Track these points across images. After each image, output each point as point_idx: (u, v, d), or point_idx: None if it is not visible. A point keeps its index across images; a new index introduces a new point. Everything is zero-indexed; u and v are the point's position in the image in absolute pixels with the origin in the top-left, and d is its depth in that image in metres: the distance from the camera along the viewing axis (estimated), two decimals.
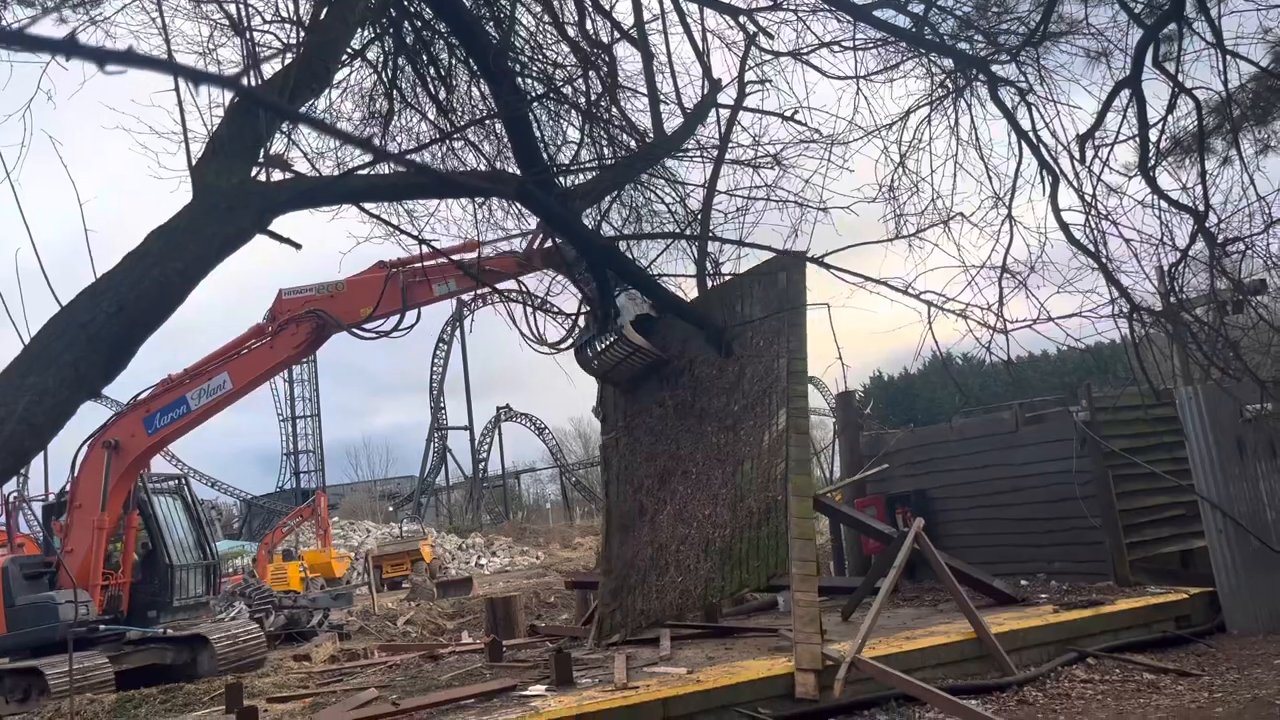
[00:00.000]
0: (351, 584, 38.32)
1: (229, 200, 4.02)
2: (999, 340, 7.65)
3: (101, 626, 16.22)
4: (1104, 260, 7.89)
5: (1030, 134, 8.22)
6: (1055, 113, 8.39)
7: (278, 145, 6.21)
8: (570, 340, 12.13)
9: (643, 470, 12.43)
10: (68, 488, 16.51)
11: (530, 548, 57.31)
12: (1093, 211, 8.05)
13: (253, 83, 4.43)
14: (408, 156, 5.98)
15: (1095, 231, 8.03)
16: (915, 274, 7.60)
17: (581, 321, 12.23)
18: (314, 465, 73.24)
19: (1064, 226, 8.10)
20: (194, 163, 4.17)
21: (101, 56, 1.75)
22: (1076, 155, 8.23)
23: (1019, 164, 8.39)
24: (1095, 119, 8.23)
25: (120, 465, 15.97)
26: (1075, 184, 8.19)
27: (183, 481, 20.02)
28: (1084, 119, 8.45)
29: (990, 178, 8.79)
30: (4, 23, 5.46)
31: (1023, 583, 13.21)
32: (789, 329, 9.56)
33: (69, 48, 1.97)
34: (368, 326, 13.37)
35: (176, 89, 4.06)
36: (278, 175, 4.71)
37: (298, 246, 4.19)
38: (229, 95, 4.39)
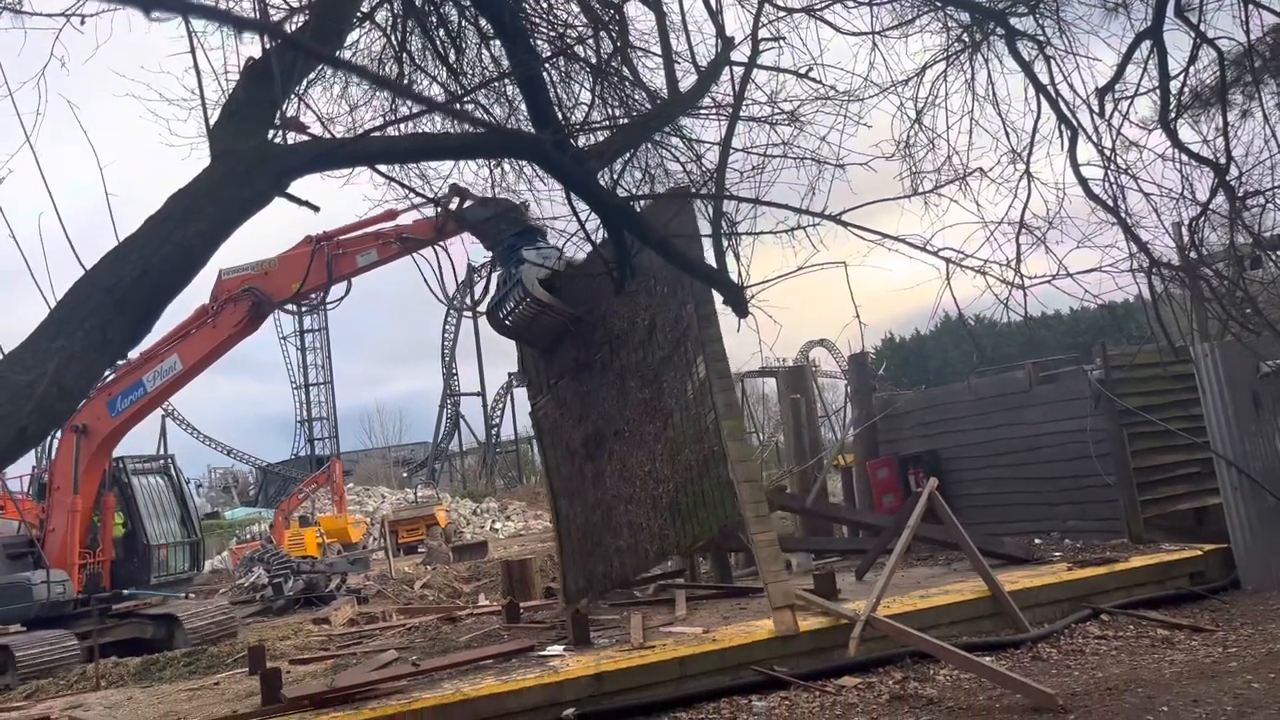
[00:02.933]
0: (368, 549, 38.70)
1: (247, 163, 4.02)
2: (1016, 296, 7.61)
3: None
4: (1123, 215, 7.82)
5: (1049, 88, 8.11)
6: (1074, 66, 8.27)
7: (291, 110, 6.19)
8: (485, 301, 12.23)
9: (575, 434, 12.41)
10: (46, 471, 17.11)
11: (544, 512, 57.63)
12: (1112, 166, 7.96)
13: (265, 45, 4.41)
14: (458, 107, 5.95)
15: (1114, 186, 7.95)
16: (932, 231, 7.54)
17: (494, 286, 12.24)
18: (328, 432, 73.77)
19: (1083, 181, 8.01)
20: (209, 127, 4.17)
21: (147, 4, 1.73)
22: (1095, 109, 8.12)
23: (1037, 119, 8.29)
24: (1115, 71, 8.11)
25: (89, 448, 16.51)
26: (1094, 138, 8.10)
27: (169, 462, 20.60)
28: (1103, 72, 8.34)
29: (1008, 133, 8.69)
30: None
31: (1036, 541, 13.25)
32: (690, 268, 9.36)
33: None
34: (305, 301, 13.70)
35: (193, 51, 4.04)
36: (294, 139, 4.71)
37: (315, 209, 4.20)
38: (244, 59, 4.38)
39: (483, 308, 12.47)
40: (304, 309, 13.96)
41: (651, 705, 8.27)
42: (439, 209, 11.56)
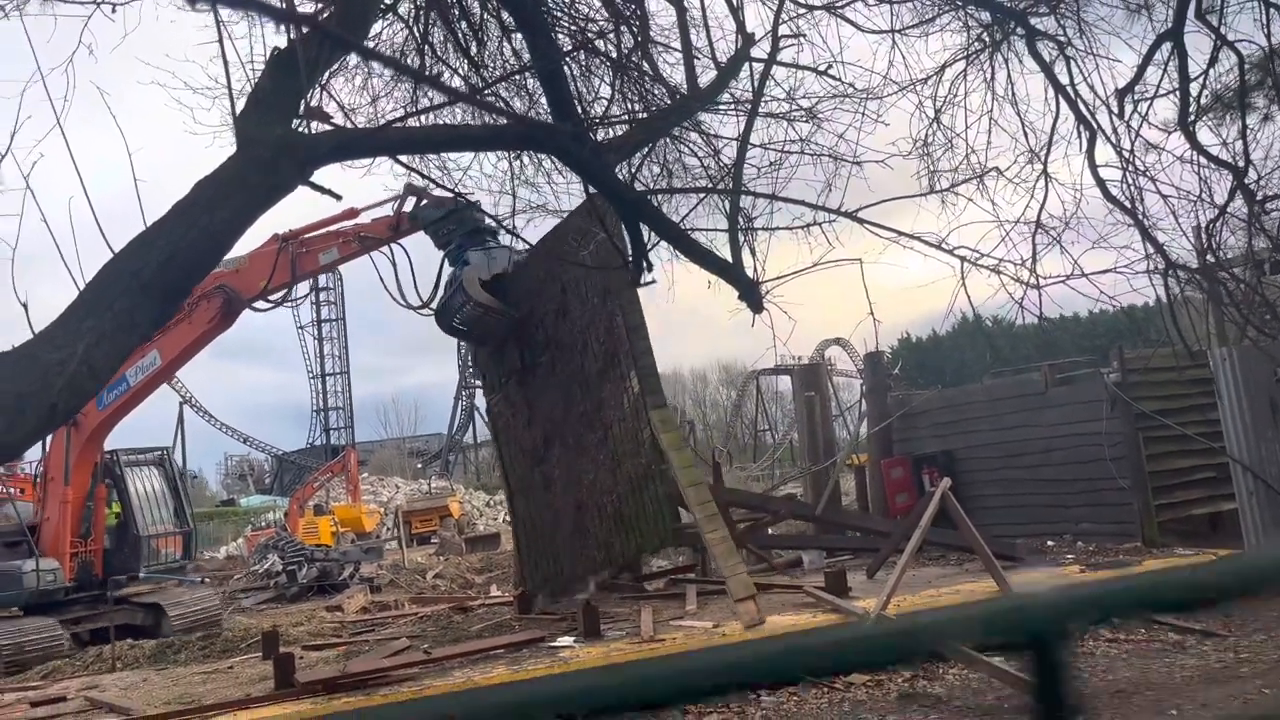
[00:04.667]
0: (381, 539, 38.93)
1: (272, 151, 4.09)
2: (1032, 296, 7.60)
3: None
4: (1140, 217, 7.79)
5: (1068, 88, 8.08)
6: (1094, 67, 8.25)
7: (315, 100, 6.25)
8: (434, 300, 12.42)
9: (526, 435, 12.57)
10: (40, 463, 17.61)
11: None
12: (1130, 167, 7.94)
13: (292, 34, 4.47)
14: (481, 98, 5.99)
15: (1132, 188, 7.92)
16: (948, 230, 7.53)
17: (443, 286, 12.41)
18: (344, 422, 74.10)
19: (1100, 182, 7.99)
20: (235, 115, 4.24)
21: None
22: (1115, 110, 8.10)
23: (1056, 119, 8.26)
24: (1135, 73, 8.08)
25: (79, 440, 16.95)
26: (1113, 139, 8.07)
27: (165, 454, 21.00)
28: (1123, 73, 8.31)
29: (1026, 133, 8.66)
30: None
31: (1049, 543, 13.25)
32: (618, 281, 9.58)
33: None
34: (270, 298, 13.95)
35: (220, 41, 4.11)
36: (318, 128, 4.77)
37: (338, 197, 4.26)
38: (269, 49, 4.44)
39: (433, 307, 12.66)
40: (272, 305, 14.15)
41: (659, 700, 8.30)
42: (397, 207, 11.82)
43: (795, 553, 15.47)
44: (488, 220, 11.86)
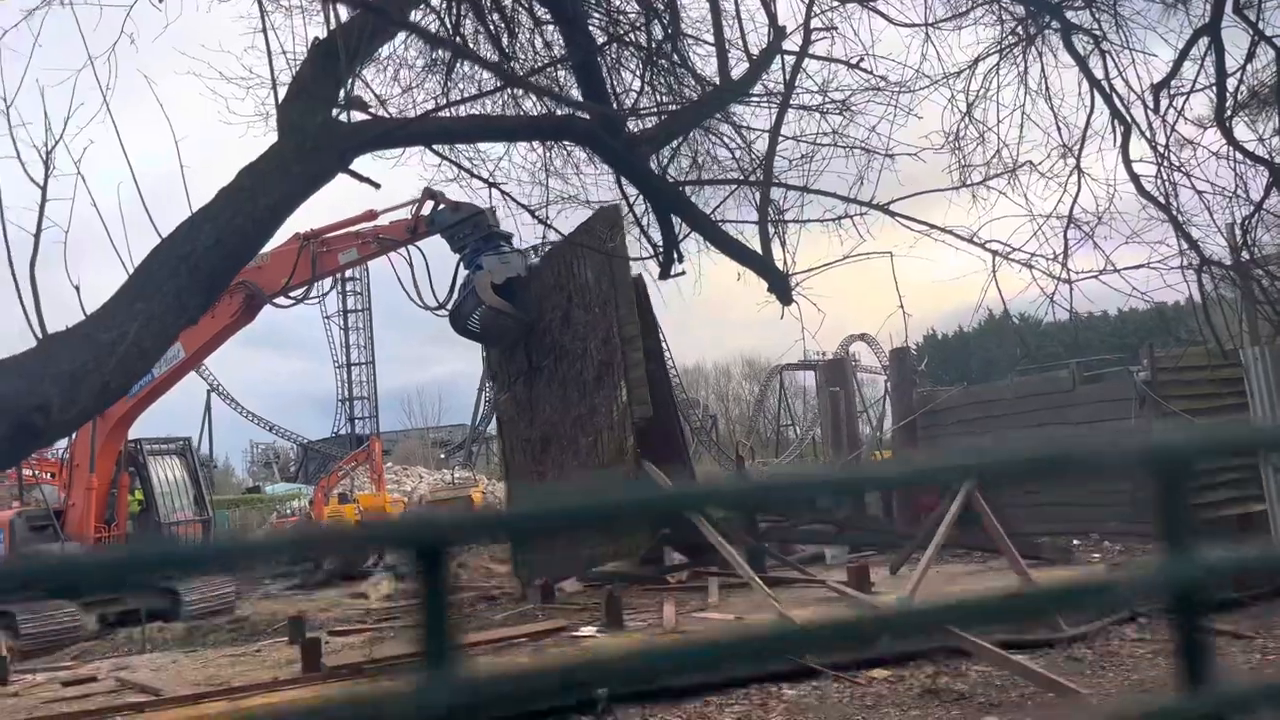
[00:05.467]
0: None
1: (313, 140, 4.15)
2: (1063, 291, 7.56)
3: None
4: (1175, 213, 7.73)
5: (1103, 83, 8.02)
6: (1130, 61, 8.17)
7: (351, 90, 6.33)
8: (450, 302, 12.71)
9: (528, 433, 12.90)
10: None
11: None
12: (1165, 163, 7.87)
13: (331, 24, 4.53)
14: (520, 87, 6.03)
15: (1167, 183, 7.86)
16: (979, 224, 7.50)
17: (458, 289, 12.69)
18: (368, 412, 74.46)
19: (1134, 178, 7.93)
20: (278, 104, 4.30)
21: None
22: (1150, 105, 8.03)
23: (1090, 114, 8.19)
24: (1171, 68, 8.02)
25: (105, 428, 17.35)
26: (1148, 135, 8.01)
27: (186, 444, 21.55)
28: (1159, 68, 8.24)
29: (1059, 127, 8.60)
30: None
31: (1075, 542, 13.17)
32: (617, 292, 9.91)
33: None
34: (291, 295, 14.19)
35: (265, 31, 4.17)
36: (357, 117, 4.83)
37: (377, 185, 4.32)
38: (309, 39, 4.51)
39: (448, 308, 12.98)
40: (293, 302, 14.43)
41: (683, 689, 8.35)
42: (414, 211, 12.08)
43: (818, 546, 15.46)
44: (522, 208, 12.04)
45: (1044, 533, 13.16)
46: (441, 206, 12.83)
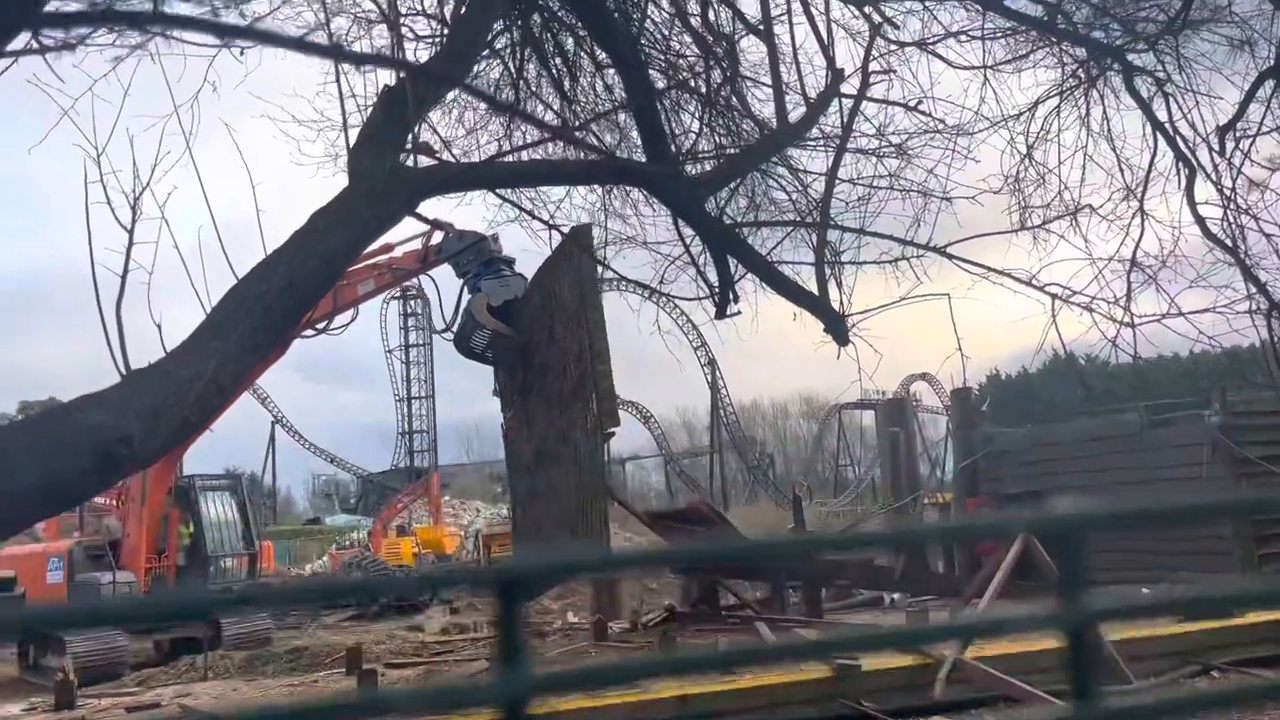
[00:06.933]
0: (461, 561, 39.41)
1: (383, 185, 4.31)
2: (1126, 335, 7.43)
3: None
4: (1242, 256, 7.58)
5: (1166, 125, 7.93)
6: (1194, 103, 8.07)
7: (417, 132, 6.55)
8: (454, 325, 13.19)
9: (526, 449, 13.19)
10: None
11: (634, 534, 57.72)
12: (1231, 205, 7.73)
13: (401, 71, 4.72)
14: (577, 134, 6.21)
15: (1234, 226, 7.71)
16: (1039, 266, 7.42)
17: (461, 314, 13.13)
18: (427, 445, 75.27)
19: (1200, 220, 7.80)
20: (349, 147, 4.48)
21: (304, 48, 1.95)
22: (1216, 147, 7.90)
23: (1153, 156, 8.10)
24: (1237, 110, 7.89)
25: (155, 463, 17.91)
26: (1213, 177, 7.87)
27: (237, 481, 22.48)
28: (1225, 110, 8.12)
29: (1122, 170, 8.50)
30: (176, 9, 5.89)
31: (1144, 591, 12.77)
32: (587, 309, 10.19)
33: (267, 37, 2.20)
34: (315, 326, 14.58)
35: (338, 81, 4.36)
36: (424, 162, 5.00)
37: (442, 227, 4.46)
38: (380, 85, 4.70)
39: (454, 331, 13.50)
40: (315, 333, 14.88)
41: None
42: (425, 242, 12.60)
43: (875, 591, 15.22)
44: (581, 249, 12.38)
45: (1111, 580, 12.80)
46: (448, 235, 13.42)
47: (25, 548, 20.05)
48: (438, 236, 13.75)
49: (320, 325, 15.01)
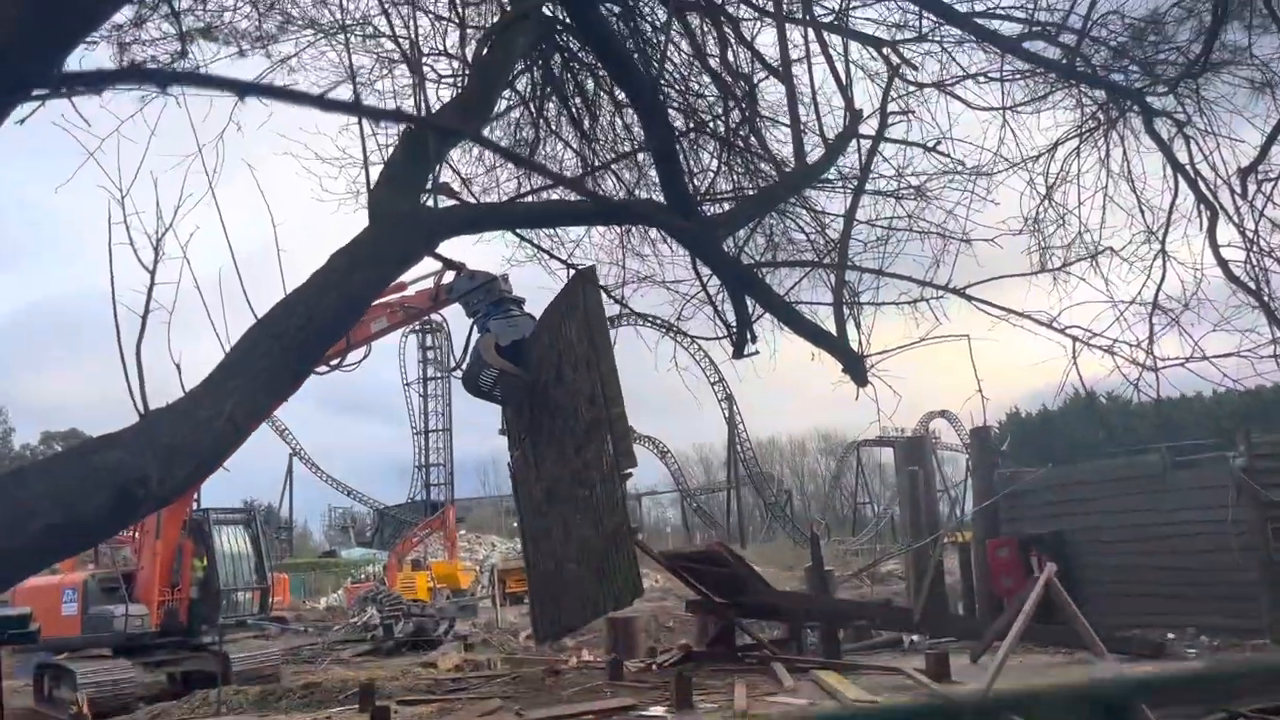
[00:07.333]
0: (476, 596, 39.24)
1: (403, 225, 4.35)
2: (1148, 378, 7.36)
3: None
4: (1265, 298, 7.51)
5: (1188, 167, 7.90)
6: (1215, 145, 8.05)
7: (436, 170, 6.63)
8: (464, 363, 13.34)
9: (536, 488, 13.31)
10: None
11: (650, 570, 57.30)
12: (1254, 248, 7.68)
13: (422, 111, 4.78)
14: (587, 188, 6.27)
15: (1257, 269, 7.65)
16: (1059, 309, 7.38)
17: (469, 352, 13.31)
18: (444, 479, 75.32)
19: (1222, 263, 7.75)
20: (369, 186, 4.54)
21: (325, 105, 1.98)
22: (1238, 190, 7.86)
23: (1174, 198, 8.06)
24: (1259, 152, 7.86)
25: None
26: (1236, 219, 7.83)
27: (251, 515, 22.67)
28: (1246, 152, 8.08)
29: (1142, 211, 8.47)
30: (195, 60, 6.01)
31: (1169, 636, 12.55)
32: (598, 353, 10.30)
33: (286, 95, 2.23)
34: (328, 363, 14.75)
35: (360, 125, 4.42)
36: (444, 201, 5.05)
37: (459, 268, 4.48)
38: (404, 127, 4.75)
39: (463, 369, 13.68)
40: (327, 370, 15.03)
41: None
42: (436, 281, 12.89)
43: (894, 633, 15.03)
44: (600, 289, 12.44)
45: (1134, 624, 12.59)
46: (460, 275, 13.62)
47: (40, 579, 20.21)
48: (449, 275, 13.96)
49: (334, 362, 15.18)
